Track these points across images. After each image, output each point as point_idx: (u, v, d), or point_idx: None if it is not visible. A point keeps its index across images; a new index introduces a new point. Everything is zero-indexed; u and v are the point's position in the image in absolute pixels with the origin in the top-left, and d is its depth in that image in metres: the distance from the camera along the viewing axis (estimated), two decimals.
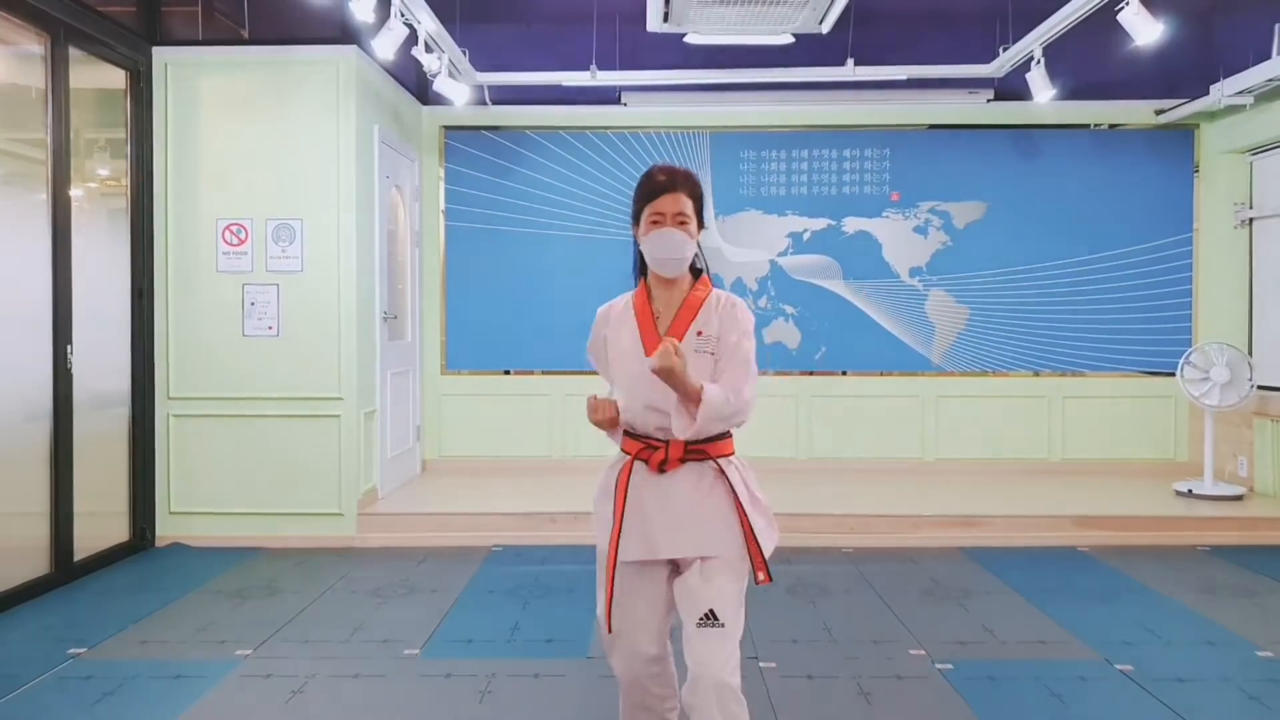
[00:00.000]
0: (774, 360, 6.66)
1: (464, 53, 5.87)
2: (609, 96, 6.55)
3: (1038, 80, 5.55)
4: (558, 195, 6.66)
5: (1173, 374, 6.17)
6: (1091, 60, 6.40)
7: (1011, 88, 6.28)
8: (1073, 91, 6.38)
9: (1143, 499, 5.74)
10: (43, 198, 4.36)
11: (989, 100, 6.51)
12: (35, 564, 4.30)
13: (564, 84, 6.13)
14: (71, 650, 3.57)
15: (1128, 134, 6.60)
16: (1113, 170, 6.59)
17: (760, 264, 6.69)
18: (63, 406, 4.43)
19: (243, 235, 5.22)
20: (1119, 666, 3.41)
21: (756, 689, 3.21)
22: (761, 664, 3.44)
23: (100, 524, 4.79)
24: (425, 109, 6.61)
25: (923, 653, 3.56)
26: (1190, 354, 5.84)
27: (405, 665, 3.44)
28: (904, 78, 6.02)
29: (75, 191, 4.59)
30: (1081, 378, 6.63)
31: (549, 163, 6.67)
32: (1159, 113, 6.47)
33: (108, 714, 3.03)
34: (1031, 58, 5.53)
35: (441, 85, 5.62)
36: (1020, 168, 6.63)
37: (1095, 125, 6.59)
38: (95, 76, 4.88)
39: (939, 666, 3.42)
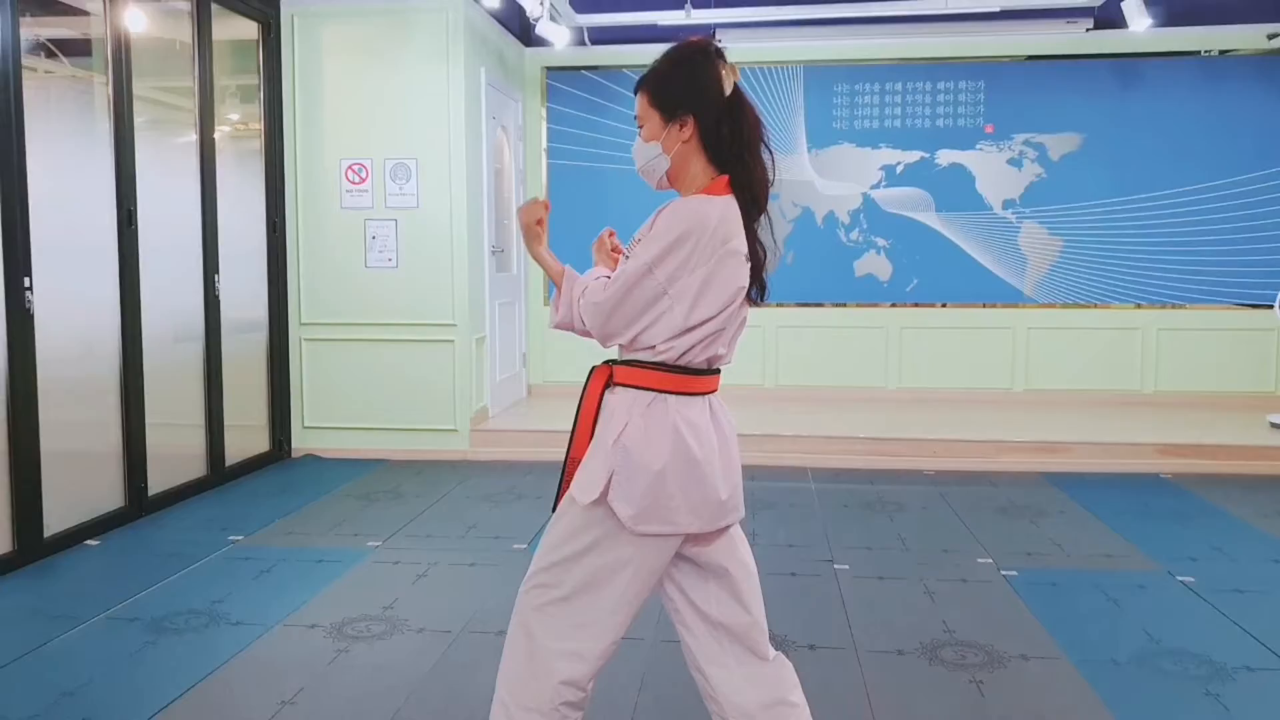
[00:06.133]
0: (865, 292, 6.82)
1: None
2: (704, 34, 6.69)
3: (1132, 8, 5.47)
4: None
5: (1272, 306, 6.08)
6: None
7: (1111, 16, 6.15)
8: (1179, 17, 6.22)
9: (1233, 429, 5.73)
10: (192, 140, 4.87)
11: (1088, 30, 6.40)
12: (196, 467, 4.91)
13: (659, 24, 6.32)
14: (231, 537, 4.13)
15: (1237, 60, 6.41)
16: (1219, 98, 6.42)
17: (853, 197, 6.81)
18: (213, 330, 4.99)
19: (364, 174, 5.66)
20: (1180, 578, 3.58)
21: (829, 588, 3.52)
22: (836, 566, 3.74)
23: (245, 436, 5.38)
24: (527, 51, 6.90)
25: (990, 561, 3.80)
26: None
27: (514, 557, 3.88)
28: (999, 9, 5.99)
29: (216, 134, 5.08)
30: (1177, 310, 6.57)
31: None
32: (1271, 37, 6.26)
33: (267, 586, 3.55)
34: None
35: (543, 28, 5.90)
36: (1119, 98, 6.52)
37: (1205, 52, 6.41)
38: (232, 28, 5.33)
39: (1004, 573, 3.66)
